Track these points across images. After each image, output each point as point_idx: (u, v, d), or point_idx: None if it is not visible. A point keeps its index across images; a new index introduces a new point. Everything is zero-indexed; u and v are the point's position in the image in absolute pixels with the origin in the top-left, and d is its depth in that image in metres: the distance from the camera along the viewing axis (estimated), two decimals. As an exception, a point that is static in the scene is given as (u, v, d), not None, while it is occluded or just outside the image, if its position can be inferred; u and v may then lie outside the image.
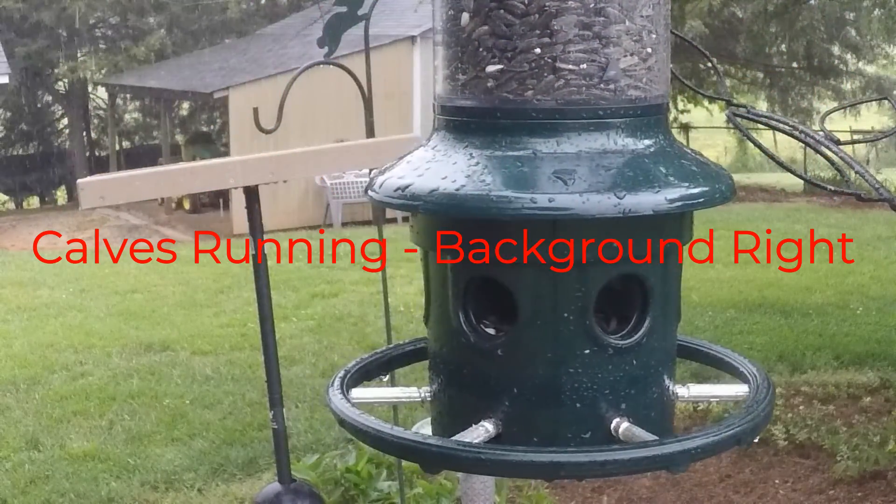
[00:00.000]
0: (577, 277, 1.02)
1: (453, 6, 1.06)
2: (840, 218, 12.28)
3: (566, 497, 4.59)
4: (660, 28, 1.06)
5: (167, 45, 21.38)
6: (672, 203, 0.99)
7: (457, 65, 1.06)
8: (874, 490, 4.50)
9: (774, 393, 1.11)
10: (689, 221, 1.10)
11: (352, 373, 1.20)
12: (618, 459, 0.97)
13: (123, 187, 2.13)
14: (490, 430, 1.04)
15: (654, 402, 1.09)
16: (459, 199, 0.99)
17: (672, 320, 1.11)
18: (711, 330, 6.92)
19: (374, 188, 1.08)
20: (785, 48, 14.38)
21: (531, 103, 1.02)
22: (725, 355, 1.23)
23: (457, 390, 1.10)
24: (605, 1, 1.02)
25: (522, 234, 1.01)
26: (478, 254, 1.04)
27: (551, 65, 1.01)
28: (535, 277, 1.03)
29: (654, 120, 1.06)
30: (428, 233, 1.10)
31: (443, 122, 1.08)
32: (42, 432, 5.50)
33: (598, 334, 1.04)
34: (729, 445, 1.02)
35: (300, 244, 11.60)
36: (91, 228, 16.14)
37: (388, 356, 1.26)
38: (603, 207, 0.96)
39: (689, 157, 1.07)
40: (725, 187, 1.05)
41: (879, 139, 1.88)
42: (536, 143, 1.01)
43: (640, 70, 1.04)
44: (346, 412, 1.09)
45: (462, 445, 1.00)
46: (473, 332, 1.07)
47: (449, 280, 1.07)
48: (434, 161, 1.05)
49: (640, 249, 1.04)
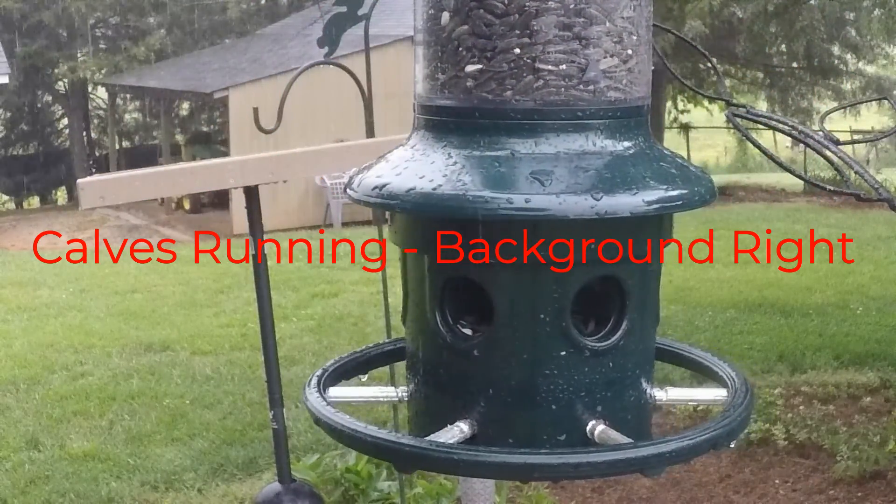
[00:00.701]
0: (554, 279, 1.02)
1: (433, 5, 1.05)
2: (840, 218, 12.28)
3: (566, 497, 4.59)
4: (641, 30, 1.05)
5: (167, 45, 21.39)
6: (650, 205, 0.98)
7: (436, 64, 1.05)
8: (874, 490, 4.50)
9: (753, 397, 1.10)
10: (669, 224, 1.09)
11: (329, 371, 1.20)
12: (591, 462, 0.97)
13: (123, 187, 2.13)
14: (465, 430, 1.04)
15: (630, 405, 1.08)
16: (436, 198, 0.98)
17: (650, 323, 1.10)
18: (711, 330, 6.92)
19: (353, 187, 1.07)
20: (785, 48, 14.39)
21: (510, 103, 1.01)
22: (704, 358, 1.22)
23: (433, 390, 1.10)
24: (586, 2, 1.01)
25: (499, 234, 1.01)
26: (454, 253, 1.04)
27: (531, 65, 1.01)
28: (512, 278, 1.02)
29: (634, 122, 1.05)
30: (405, 232, 1.09)
31: (422, 122, 1.08)
32: (42, 432, 5.50)
33: (575, 336, 1.03)
34: (705, 449, 1.02)
35: (300, 244, 11.60)
36: (91, 228, 16.14)
37: (368, 355, 1.26)
38: (579, 209, 0.96)
39: (668, 159, 1.06)
40: (705, 190, 1.04)
41: (879, 139, 1.89)
42: (515, 143, 1.01)
43: (620, 71, 1.03)
44: (321, 410, 1.09)
45: (435, 445, 1.00)
46: (450, 332, 1.06)
47: (426, 280, 1.07)
48: (412, 160, 1.05)
49: (617, 251, 1.03)
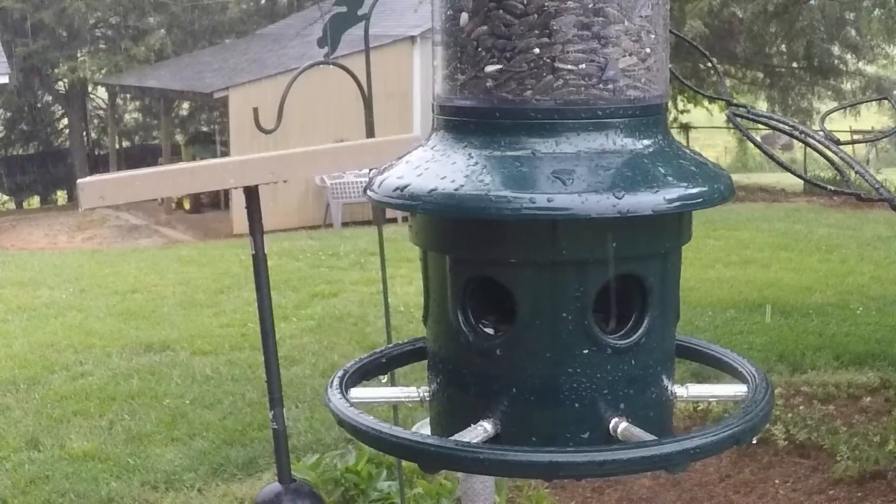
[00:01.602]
0: (575, 277, 1.02)
1: (452, 6, 1.05)
2: (840, 218, 12.29)
3: (566, 497, 4.59)
4: (658, 28, 1.06)
5: (167, 45, 21.37)
6: (671, 203, 0.99)
7: (456, 65, 1.06)
8: (874, 490, 4.50)
9: (773, 393, 1.11)
10: (688, 221, 1.10)
11: (350, 372, 1.20)
12: (616, 459, 0.97)
13: (123, 187, 2.13)
14: (489, 429, 1.04)
15: (652, 402, 1.08)
16: (458, 199, 0.99)
17: (671, 320, 1.10)
18: (711, 330, 6.92)
19: (373, 188, 1.08)
20: (785, 48, 14.38)
21: (530, 103, 1.01)
22: (724, 355, 1.23)
23: (455, 390, 1.10)
24: (604, 1, 1.01)
25: (521, 233, 1.01)
26: (477, 253, 1.04)
27: (550, 65, 1.01)
28: (534, 277, 1.03)
29: (652, 120, 1.05)
30: (427, 233, 1.10)
31: (442, 122, 1.08)
32: (42, 432, 5.50)
33: (596, 334, 1.04)
34: (727, 445, 1.02)
35: (300, 244, 11.61)
36: (91, 228, 16.14)
37: (387, 356, 1.26)
38: (601, 207, 0.96)
39: (687, 157, 1.06)
40: (724, 187, 1.04)
41: (879, 139, 1.89)
42: (535, 143, 1.01)
43: (638, 70, 1.04)
44: (345, 412, 1.09)
45: (460, 445, 1.00)
46: (472, 332, 1.07)
47: (448, 280, 1.07)
48: (433, 161, 1.05)
49: (638, 249, 1.04)
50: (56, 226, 16.68)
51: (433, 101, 1.10)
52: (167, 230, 15.97)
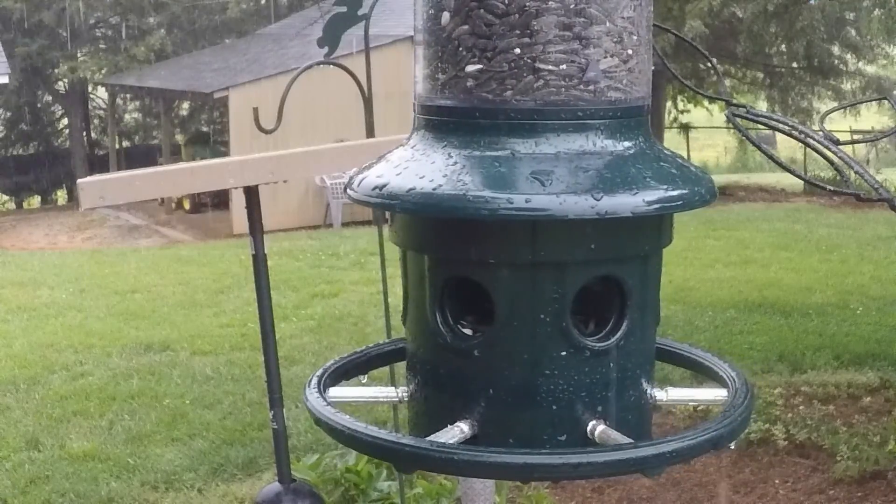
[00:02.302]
0: (554, 279, 1.02)
1: (434, 5, 1.05)
2: (840, 218, 12.29)
3: (566, 497, 4.59)
4: (641, 30, 1.05)
5: (167, 45, 21.38)
6: (650, 205, 0.98)
7: (437, 64, 1.05)
8: (874, 490, 4.50)
9: (753, 397, 1.10)
10: (669, 224, 1.09)
11: (329, 372, 1.19)
12: (591, 462, 0.96)
13: (123, 187, 2.14)
14: (465, 430, 1.04)
15: (631, 405, 1.08)
16: (436, 198, 0.98)
17: (650, 323, 1.10)
18: (711, 330, 6.92)
19: (353, 187, 1.07)
20: (785, 48, 14.38)
21: (510, 103, 1.01)
22: (704, 359, 1.22)
23: (433, 390, 1.10)
24: (586, 2, 1.01)
25: (499, 234, 1.01)
26: (455, 254, 1.04)
27: (531, 65, 1.01)
28: (512, 278, 1.02)
29: (634, 122, 1.05)
30: (406, 232, 1.09)
31: (422, 122, 1.08)
32: (42, 432, 5.50)
33: (575, 336, 1.03)
34: (705, 450, 1.01)
35: (300, 244, 11.61)
36: (91, 228, 16.14)
37: (368, 355, 1.26)
38: (580, 209, 0.96)
39: (668, 159, 1.06)
40: (705, 190, 1.04)
41: (879, 139, 1.88)
42: (515, 143, 1.01)
43: (620, 71, 1.03)
44: (322, 410, 1.09)
45: (436, 446, 1.00)
46: (450, 332, 1.06)
47: (426, 280, 1.07)
48: (412, 160, 1.05)
49: (617, 251, 1.03)
50: (56, 226, 16.69)
51: (414, 100, 1.10)
52: (167, 230, 15.97)
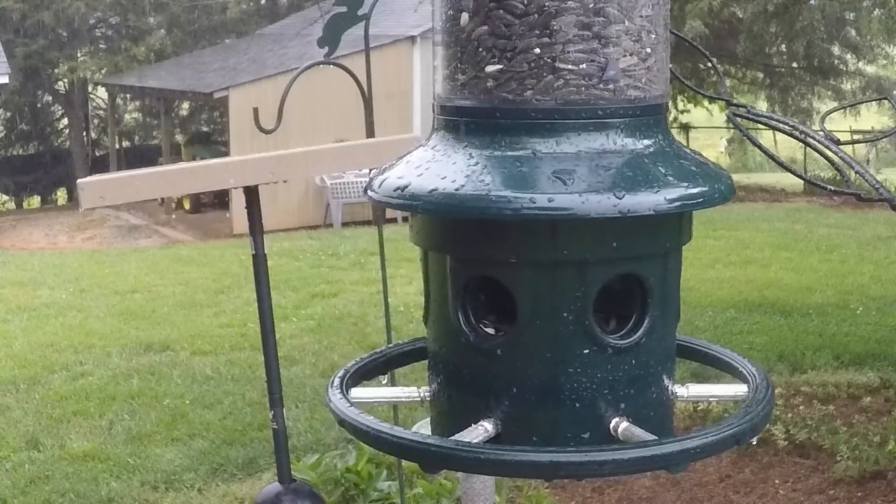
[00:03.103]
0: (576, 277, 1.02)
1: (453, 6, 1.06)
2: (840, 218, 12.29)
3: (566, 497, 4.59)
4: (659, 28, 1.06)
5: (167, 45, 21.39)
6: (671, 203, 0.99)
7: (456, 65, 1.06)
8: (874, 490, 4.50)
9: (773, 393, 1.11)
10: (689, 221, 1.10)
11: (351, 372, 1.20)
12: (616, 459, 0.97)
13: (123, 187, 2.13)
14: (489, 429, 1.04)
15: (653, 401, 1.08)
16: (459, 198, 0.99)
17: (671, 320, 1.10)
18: (711, 330, 6.92)
19: (374, 188, 1.08)
20: (785, 48, 14.36)
21: (531, 103, 1.02)
22: (724, 355, 1.23)
23: (456, 390, 1.10)
24: (605, 1, 1.01)
25: (521, 233, 1.01)
26: (477, 253, 1.05)
27: (551, 65, 1.01)
28: (535, 277, 1.03)
29: (653, 120, 1.06)
30: (427, 232, 1.10)
31: (442, 122, 1.08)
32: (42, 432, 5.50)
33: (597, 334, 1.04)
34: (728, 445, 1.02)
35: (300, 244, 11.61)
36: (91, 228, 16.14)
37: (388, 356, 1.26)
38: (602, 207, 0.96)
39: (688, 157, 1.07)
40: (725, 187, 1.05)
41: (879, 139, 1.88)
42: (536, 143, 1.01)
43: (639, 70, 1.04)
44: (346, 412, 1.09)
45: (461, 445, 1.00)
46: (473, 332, 1.07)
47: (448, 280, 1.07)
48: (433, 161, 1.05)
49: (639, 249, 1.04)
50: (56, 226, 16.68)
51: (433, 101, 1.10)
52: (167, 230, 15.97)
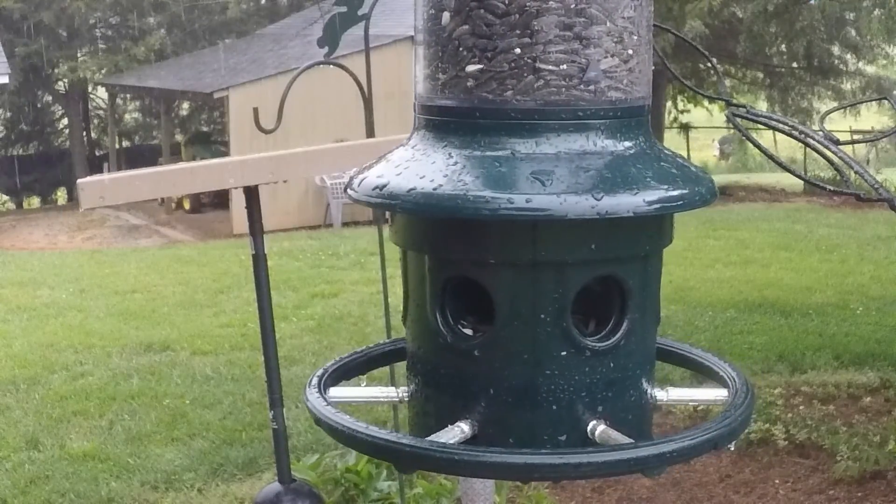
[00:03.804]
0: (554, 279, 1.02)
1: (434, 5, 1.05)
2: (840, 218, 12.29)
3: (566, 497, 4.59)
4: (641, 30, 1.05)
5: (167, 45, 21.39)
6: (650, 205, 0.98)
7: (437, 64, 1.05)
8: (874, 490, 4.50)
9: (754, 397, 1.10)
10: (670, 224, 1.09)
11: (330, 372, 1.19)
12: (592, 462, 0.96)
13: (123, 187, 2.14)
14: (466, 430, 1.04)
15: (631, 405, 1.08)
16: (437, 198, 0.98)
17: (651, 323, 1.10)
18: (711, 330, 6.92)
19: (353, 187, 1.07)
20: (785, 48, 14.37)
21: (511, 103, 1.01)
22: (705, 359, 1.22)
23: (433, 390, 1.10)
24: (587, 2, 1.01)
25: (500, 234, 1.01)
26: (455, 254, 1.04)
27: (531, 65, 1.01)
28: (513, 278, 1.02)
29: (634, 122, 1.05)
30: (406, 232, 1.09)
31: (422, 122, 1.08)
32: (42, 432, 5.50)
33: (575, 336, 1.03)
34: (705, 450, 1.02)
35: (300, 244, 11.61)
36: (91, 228, 16.14)
37: (368, 355, 1.26)
38: (580, 209, 0.96)
39: (669, 159, 1.06)
40: (706, 190, 1.04)
41: (879, 139, 1.88)
42: (515, 143, 1.01)
43: (620, 71, 1.04)
44: (322, 410, 1.09)
45: (435, 446, 1.00)
46: (451, 333, 1.06)
47: (427, 280, 1.07)
48: (413, 160, 1.05)
49: (618, 251, 1.04)
50: (56, 226, 16.69)
51: (414, 100, 1.10)
52: (167, 230, 15.97)
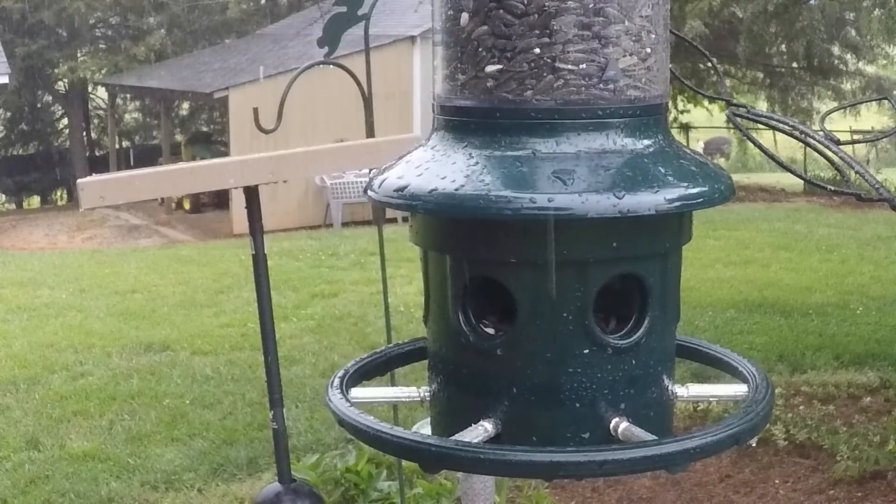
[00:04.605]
0: (576, 277, 1.02)
1: (453, 6, 1.06)
2: (840, 218, 12.29)
3: (566, 497, 4.59)
4: (659, 28, 1.06)
5: (167, 45, 21.39)
6: (671, 203, 0.99)
7: (456, 65, 1.06)
8: (874, 490, 4.50)
9: (773, 393, 1.11)
10: (689, 221, 1.10)
11: (351, 372, 1.20)
12: (616, 459, 0.97)
13: (123, 187, 2.14)
14: (489, 429, 1.04)
15: (653, 401, 1.09)
16: (458, 198, 0.99)
17: (671, 320, 1.11)
18: (711, 330, 6.92)
19: (374, 188, 1.08)
20: (785, 48, 14.37)
21: (530, 103, 1.02)
22: (724, 355, 1.23)
23: (456, 390, 1.10)
24: (605, 1, 1.02)
25: (521, 233, 1.01)
26: (477, 254, 1.05)
27: (550, 65, 1.01)
28: (534, 277, 1.03)
29: (653, 120, 1.06)
30: (427, 233, 1.10)
31: (442, 122, 1.08)
32: (42, 432, 5.50)
33: (597, 334, 1.04)
34: (727, 445, 1.02)
35: (300, 244, 11.61)
36: (91, 228, 16.14)
37: (388, 356, 1.26)
38: (602, 207, 0.96)
39: (688, 156, 1.07)
40: (724, 187, 1.05)
41: (879, 139, 1.88)
42: (536, 143, 1.01)
43: (639, 70, 1.04)
44: (346, 412, 1.09)
45: (461, 445, 1.00)
46: (473, 332, 1.07)
47: (448, 280, 1.07)
48: (433, 161, 1.05)
49: (638, 249, 1.04)
50: (56, 226, 16.68)
51: (433, 101, 1.10)
52: (167, 230, 15.97)
